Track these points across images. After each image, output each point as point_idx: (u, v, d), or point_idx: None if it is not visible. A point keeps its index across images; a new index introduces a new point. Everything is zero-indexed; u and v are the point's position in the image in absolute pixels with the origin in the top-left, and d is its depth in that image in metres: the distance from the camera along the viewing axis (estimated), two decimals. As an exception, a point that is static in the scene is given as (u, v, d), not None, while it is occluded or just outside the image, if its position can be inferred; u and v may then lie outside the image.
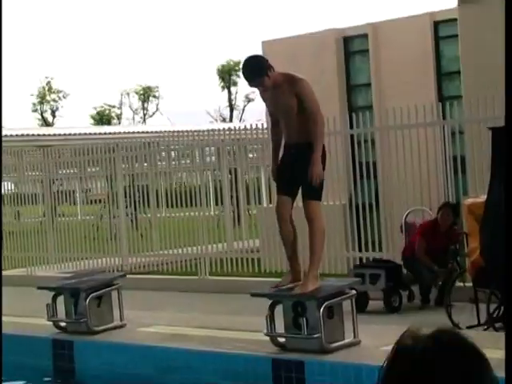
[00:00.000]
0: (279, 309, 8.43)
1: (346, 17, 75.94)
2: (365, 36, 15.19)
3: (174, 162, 18.06)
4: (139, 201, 17.05)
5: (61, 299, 10.21)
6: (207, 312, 11.34)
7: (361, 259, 13.35)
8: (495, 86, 12.85)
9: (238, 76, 62.06)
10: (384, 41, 14.86)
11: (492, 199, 9.44)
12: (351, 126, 13.61)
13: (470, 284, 10.19)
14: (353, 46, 15.43)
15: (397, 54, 14.53)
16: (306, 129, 8.37)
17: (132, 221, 17.32)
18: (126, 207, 17.04)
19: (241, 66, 8.85)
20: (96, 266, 15.87)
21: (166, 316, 10.75)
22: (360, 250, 13.55)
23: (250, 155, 16.68)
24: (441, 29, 14.60)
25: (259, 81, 8.49)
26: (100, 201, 19.67)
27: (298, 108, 8.39)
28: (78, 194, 20.46)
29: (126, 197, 17.04)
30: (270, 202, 15.25)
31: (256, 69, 8.43)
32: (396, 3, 62.76)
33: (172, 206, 17.04)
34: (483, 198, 9.74)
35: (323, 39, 15.24)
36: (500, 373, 7.33)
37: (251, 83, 8.79)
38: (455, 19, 13.66)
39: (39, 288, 10.62)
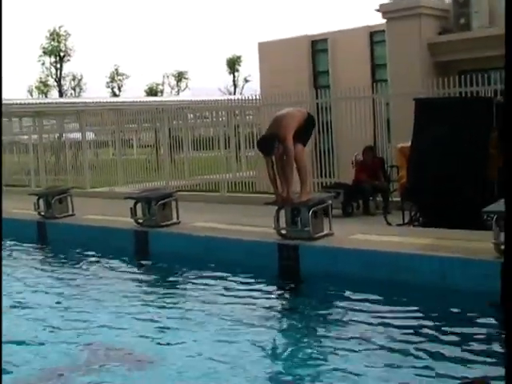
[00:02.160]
0: (282, 212, 8.43)
1: (315, 25, 76.32)
2: (325, 40, 15.04)
3: (198, 120, 17.83)
4: (175, 145, 16.88)
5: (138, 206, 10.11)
6: (227, 215, 11.33)
7: (322, 183, 13.35)
8: (409, 73, 12.81)
9: (239, 65, 62.85)
10: (338, 43, 14.72)
11: (415, 146, 9.35)
12: (316, 97, 13.55)
13: (399, 198, 10.24)
14: (318, 46, 15.27)
15: (346, 52, 14.43)
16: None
17: (171, 158, 17.11)
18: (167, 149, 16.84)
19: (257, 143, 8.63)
20: (148, 187, 15.71)
21: (201, 217, 10.67)
22: (321, 177, 13.55)
23: (248, 117, 16.46)
24: (375, 36, 14.48)
25: (272, 154, 8.35)
26: (149, 146, 19.46)
27: None
28: (134, 141, 20.16)
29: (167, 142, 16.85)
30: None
31: (268, 150, 8.28)
32: (346, 18, 62.96)
33: (196, 149, 16.88)
34: (408, 143, 9.62)
35: (300, 41, 15.08)
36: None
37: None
38: (384, 30, 13.54)
39: (125, 198, 10.48)
